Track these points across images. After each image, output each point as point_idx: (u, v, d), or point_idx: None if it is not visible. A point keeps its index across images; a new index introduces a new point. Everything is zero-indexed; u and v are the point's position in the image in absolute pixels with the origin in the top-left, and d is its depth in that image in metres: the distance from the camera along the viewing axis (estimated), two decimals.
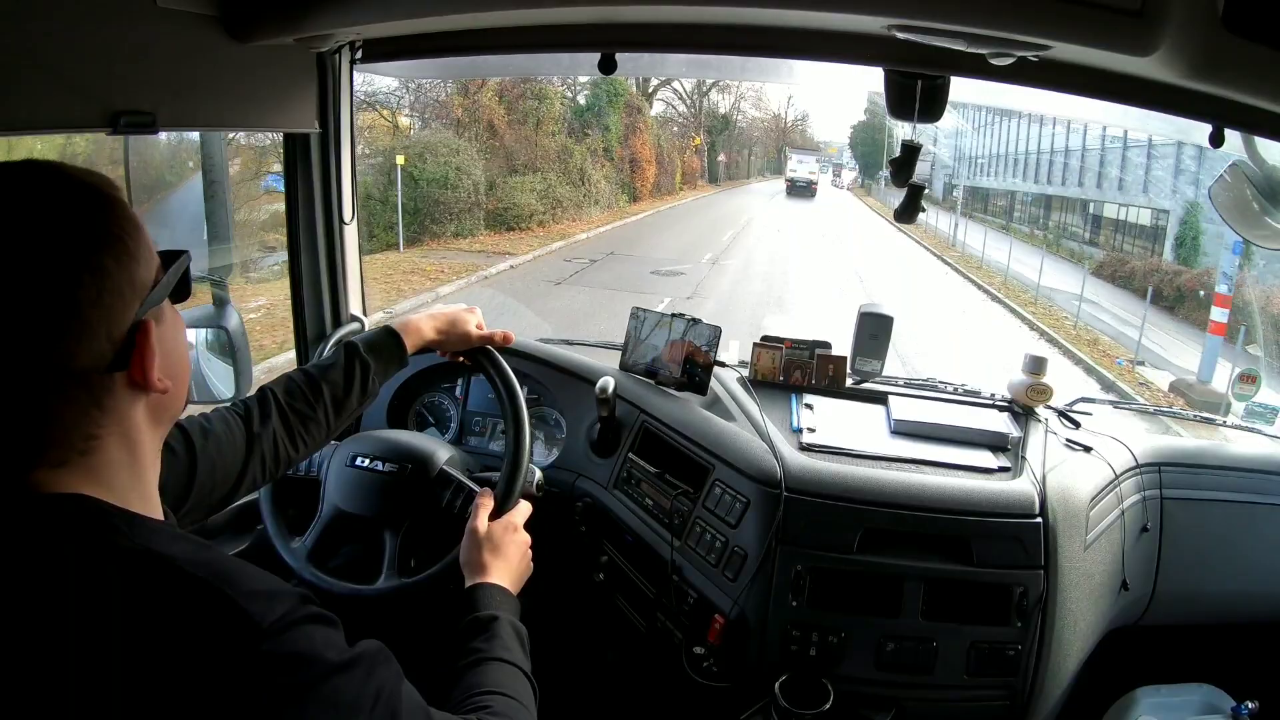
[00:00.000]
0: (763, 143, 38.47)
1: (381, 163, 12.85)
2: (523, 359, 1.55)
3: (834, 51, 1.12)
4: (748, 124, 35.43)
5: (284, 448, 0.99)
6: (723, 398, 1.49)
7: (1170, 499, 1.47)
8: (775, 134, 37.81)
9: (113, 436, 0.58)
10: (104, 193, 0.58)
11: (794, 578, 1.21)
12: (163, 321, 0.61)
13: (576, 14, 1.14)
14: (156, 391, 0.59)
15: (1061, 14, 0.76)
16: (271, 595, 0.55)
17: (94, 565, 0.52)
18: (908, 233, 19.16)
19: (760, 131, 37.45)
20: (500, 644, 0.87)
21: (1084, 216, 16.28)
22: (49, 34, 0.92)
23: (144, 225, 0.61)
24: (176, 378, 0.63)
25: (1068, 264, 14.05)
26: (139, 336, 0.57)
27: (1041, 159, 18.90)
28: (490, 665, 0.84)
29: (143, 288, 0.58)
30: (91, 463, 0.57)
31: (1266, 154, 1.23)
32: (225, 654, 0.51)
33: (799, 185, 28.05)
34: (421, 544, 1.19)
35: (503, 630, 0.89)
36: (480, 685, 0.81)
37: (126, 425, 0.59)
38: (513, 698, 0.81)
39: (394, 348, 1.09)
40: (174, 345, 0.63)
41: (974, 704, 1.22)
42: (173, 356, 0.62)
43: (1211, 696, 1.49)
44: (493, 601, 0.93)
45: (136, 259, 0.58)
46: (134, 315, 0.57)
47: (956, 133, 24.78)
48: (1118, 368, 8.75)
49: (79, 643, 0.50)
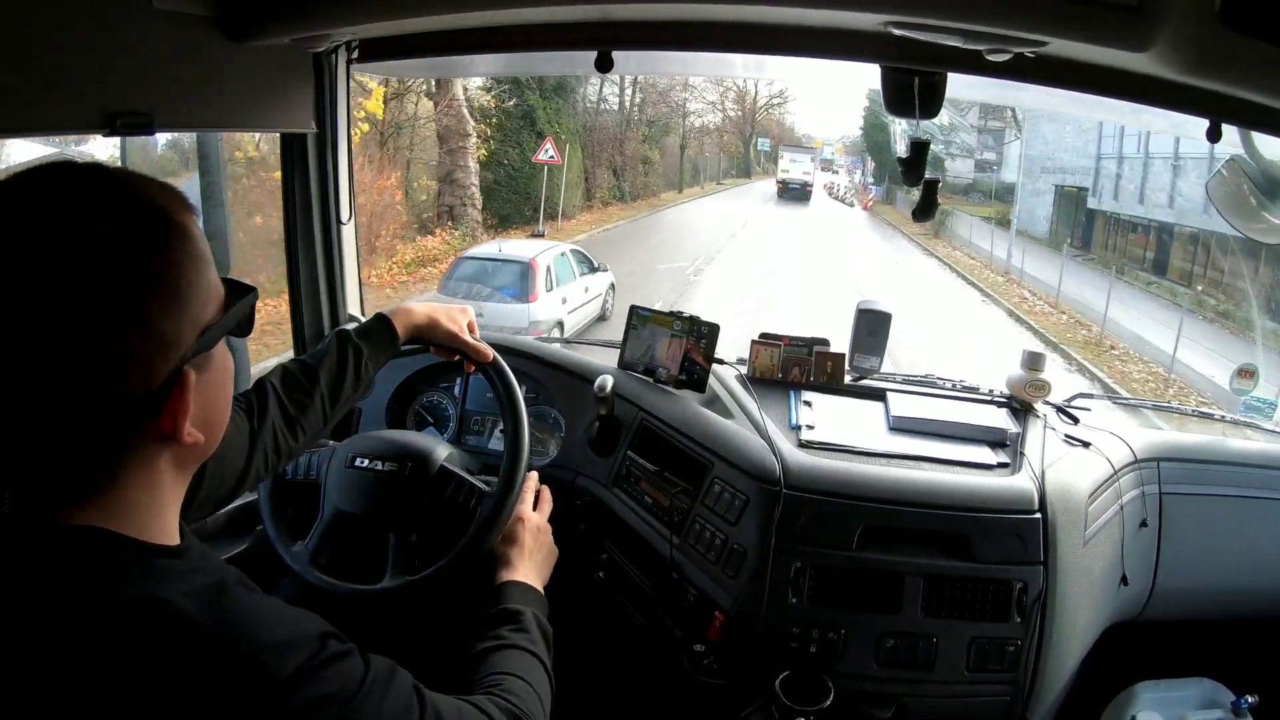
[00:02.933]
0: (725, 134, 28.89)
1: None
2: (521, 358, 1.54)
3: (830, 49, 1.12)
4: (691, 109, 25.34)
5: (284, 439, 0.99)
6: (721, 395, 1.49)
7: (1169, 494, 1.47)
8: (740, 121, 29.09)
9: (135, 478, 0.55)
10: (168, 219, 0.53)
11: (793, 575, 1.21)
12: (208, 368, 0.58)
13: (572, 13, 1.14)
14: (184, 444, 0.56)
15: (1058, 10, 0.76)
16: (289, 645, 0.54)
17: (97, 614, 0.50)
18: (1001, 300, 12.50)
19: (724, 121, 28.08)
20: (526, 635, 0.90)
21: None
22: (45, 35, 0.91)
23: (207, 255, 0.57)
24: (212, 428, 0.60)
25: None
26: (175, 389, 0.54)
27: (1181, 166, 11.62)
28: (513, 652, 0.86)
29: (189, 334, 0.54)
30: (111, 501, 0.55)
31: (1264, 149, 1.23)
32: (245, 712, 0.51)
33: (792, 188, 26.07)
34: (424, 541, 1.19)
35: (529, 624, 0.92)
36: (500, 668, 0.82)
37: (150, 469, 0.56)
38: (530, 684, 0.82)
39: (385, 333, 1.09)
40: (215, 394, 0.60)
41: (974, 700, 1.22)
42: (213, 407, 0.59)
43: (1211, 691, 1.50)
44: (524, 598, 0.97)
45: (188, 302, 0.54)
46: (175, 364, 0.53)
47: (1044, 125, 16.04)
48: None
49: (80, 695, 0.48)
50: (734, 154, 31.65)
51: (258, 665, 0.51)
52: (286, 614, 0.57)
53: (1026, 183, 17.59)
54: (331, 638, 0.57)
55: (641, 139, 21.11)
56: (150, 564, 0.54)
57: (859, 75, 1.20)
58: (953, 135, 20.86)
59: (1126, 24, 0.74)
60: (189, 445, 0.56)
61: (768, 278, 12.53)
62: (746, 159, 32.73)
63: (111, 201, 0.52)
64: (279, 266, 1.63)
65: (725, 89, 26.37)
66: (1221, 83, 0.87)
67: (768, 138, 31.71)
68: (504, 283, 7.82)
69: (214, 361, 0.59)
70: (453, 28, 1.28)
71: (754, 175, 32.63)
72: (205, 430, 0.58)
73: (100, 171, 0.54)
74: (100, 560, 0.52)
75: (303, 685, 0.53)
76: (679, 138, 24.59)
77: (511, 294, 7.69)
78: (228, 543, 1.39)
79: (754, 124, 30.26)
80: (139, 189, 0.54)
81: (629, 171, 20.15)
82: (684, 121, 24.96)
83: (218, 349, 0.59)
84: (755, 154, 33.02)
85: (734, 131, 29.61)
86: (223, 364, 0.61)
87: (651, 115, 22.24)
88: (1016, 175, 18.26)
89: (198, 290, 0.55)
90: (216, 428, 0.61)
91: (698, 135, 26.93)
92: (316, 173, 1.54)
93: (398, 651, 0.66)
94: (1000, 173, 20.99)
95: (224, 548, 1.38)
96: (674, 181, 24.20)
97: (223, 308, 0.58)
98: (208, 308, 0.56)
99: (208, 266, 0.57)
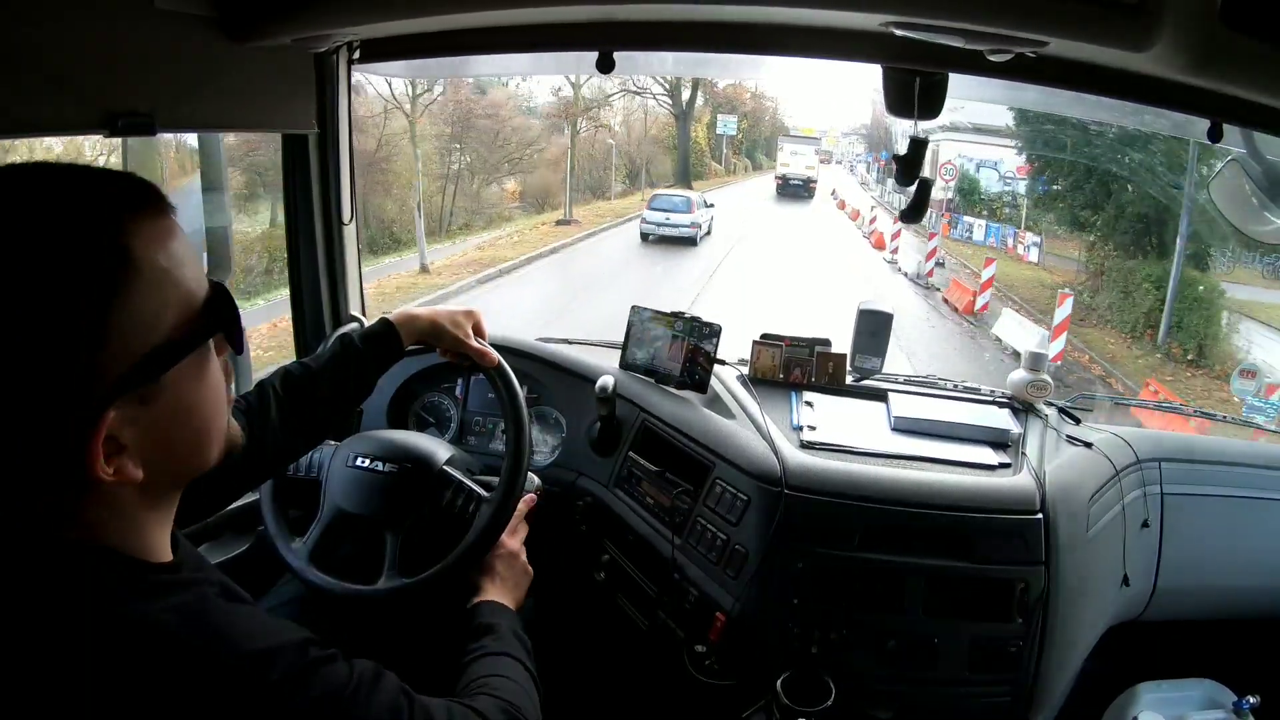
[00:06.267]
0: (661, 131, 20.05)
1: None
2: (522, 358, 1.54)
3: (832, 49, 1.12)
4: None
5: (284, 442, 0.99)
6: (723, 396, 1.49)
7: (1171, 494, 1.47)
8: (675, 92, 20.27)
9: (102, 509, 0.53)
10: (95, 239, 0.48)
11: (795, 575, 1.21)
12: (162, 396, 0.52)
13: (574, 13, 1.14)
14: (111, 483, 0.50)
15: (1059, 10, 0.76)
16: (272, 654, 0.54)
17: (83, 631, 0.49)
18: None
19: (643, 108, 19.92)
20: (503, 643, 0.91)
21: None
22: (45, 35, 0.91)
23: (160, 273, 0.51)
24: (174, 455, 0.55)
25: None
26: (91, 432, 0.49)
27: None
28: (492, 658, 0.88)
29: (112, 369, 0.49)
30: (92, 521, 0.53)
31: (1266, 149, 1.23)
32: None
33: (792, 184, 22.75)
34: (422, 544, 1.19)
35: (505, 634, 0.93)
36: (484, 673, 0.84)
37: (112, 500, 0.53)
38: (516, 683, 0.83)
39: (389, 338, 1.09)
40: (181, 419, 0.55)
41: (976, 700, 1.22)
42: (177, 433, 0.55)
43: (1213, 691, 1.50)
44: (495, 614, 0.98)
45: (109, 335, 0.48)
46: (93, 404, 0.48)
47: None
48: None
49: (67, 711, 0.48)
50: (665, 145, 20.87)
51: (243, 675, 0.52)
52: (269, 624, 0.57)
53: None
54: (313, 644, 0.57)
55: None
56: (138, 581, 0.53)
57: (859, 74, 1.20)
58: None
59: (1127, 24, 0.74)
60: (146, 479, 0.52)
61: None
62: (684, 157, 21.14)
63: (41, 218, 0.47)
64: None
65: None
66: (1223, 82, 0.87)
67: (733, 114, 23.97)
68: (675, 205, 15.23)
69: (169, 388, 0.53)
70: (454, 28, 1.28)
71: (710, 175, 24.31)
72: (166, 458, 0.54)
73: (48, 183, 0.49)
74: (87, 577, 0.52)
75: (290, 692, 0.53)
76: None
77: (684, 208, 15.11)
78: (228, 543, 1.39)
79: (706, 93, 20.69)
80: (86, 203, 0.49)
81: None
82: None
83: (182, 375, 0.54)
84: (712, 141, 24.73)
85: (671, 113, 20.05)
86: (187, 388, 0.54)
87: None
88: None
89: (136, 317, 0.49)
90: (189, 451, 0.57)
91: (589, 140, 18.43)
92: (318, 173, 1.54)
93: (394, 652, 0.66)
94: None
95: (224, 548, 1.38)
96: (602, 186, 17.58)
97: (189, 322, 0.53)
98: (152, 333, 0.51)
99: (159, 288, 0.51)
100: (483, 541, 1.09)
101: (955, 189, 16.22)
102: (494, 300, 10.43)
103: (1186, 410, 2.13)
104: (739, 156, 29.43)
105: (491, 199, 17.77)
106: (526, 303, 10.10)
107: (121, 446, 0.51)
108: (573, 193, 17.73)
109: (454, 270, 12.54)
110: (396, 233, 14.13)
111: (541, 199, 18.43)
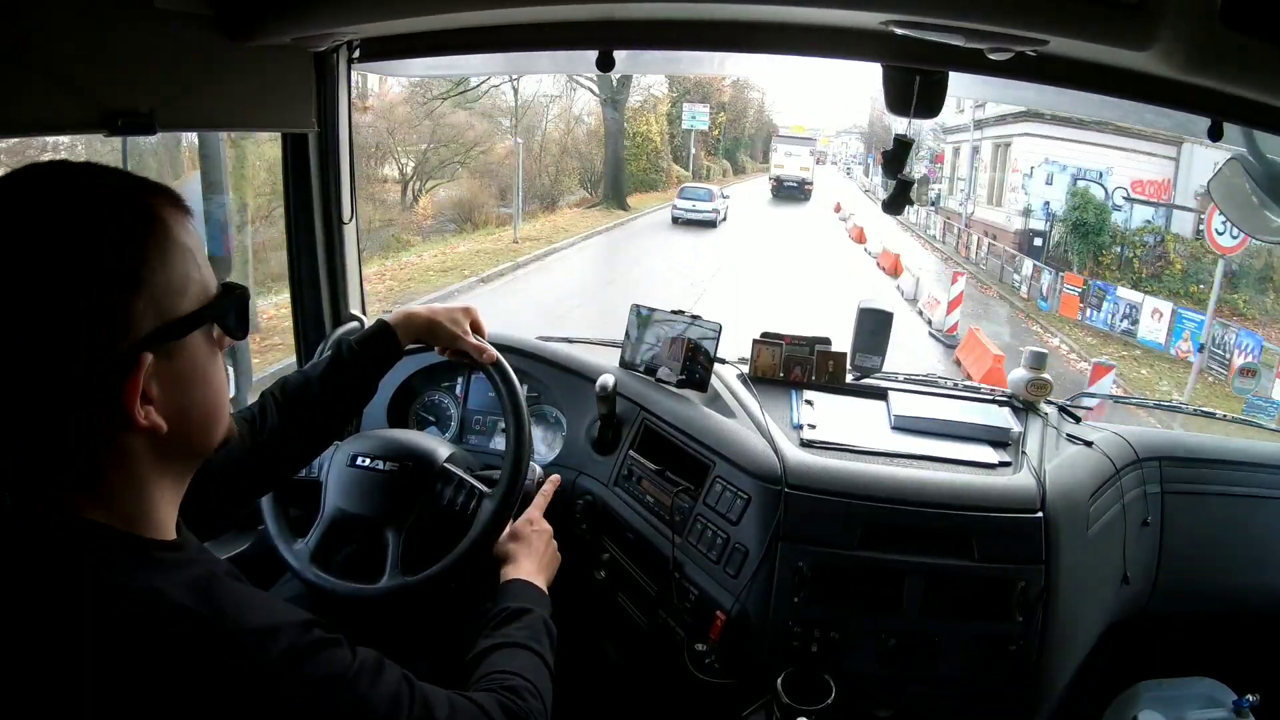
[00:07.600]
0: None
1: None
2: (522, 357, 1.54)
3: (831, 48, 1.11)
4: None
5: (289, 449, 1.00)
6: (723, 394, 1.49)
7: (1171, 493, 1.47)
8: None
9: (116, 470, 0.56)
10: (141, 211, 0.55)
11: (795, 574, 1.21)
12: (179, 358, 0.58)
13: (574, 11, 1.14)
14: (146, 429, 0.55)
15: (1059, 8, 0.76)
16: (276, 629, 0.55)
17: (89, 601, 0.51)
18: None
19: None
20: (531, 634, 0.90)
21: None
22: (46, 35, 0.91)
23: (189, 250, 0.58)
24: (191, 421, 0.59)
25: None
26: (132, 370, 0.54)
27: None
28: (518, 651, 0.86)
29: (149, 319, 0.55)
30: (102, 493, 0.56)
31: (1266, 148, 1.23)
32: (235, 692, 0.52)
33: (788, 186, 22.53)
34: (424, 542, 1.19)
35: (535, 623, 0.92)
36: (504, 667, 0.83)
37: (129, 460, 0.56)
38: (533, 684, 0.82)
39: (387, 340, 1.09)
40: (192, 387, 0.59)
41: (976, 699, 1.22)
42: (188, 399, 0.59)
43: (1213, 690, 1.50)
44: (529, 597, 0.97)
45: (151, 288, 0.55)
46: (130, 345, 0.54)
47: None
48: None
49: (78, 680, 0.49)
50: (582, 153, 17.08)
51: (245, 649, 0.53)
52: (274, 604, 0.58)
53: None
54: (316, 626, 0.58)
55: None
56: (145, 557, 0.55)
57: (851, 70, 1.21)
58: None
59: (1128, 22, 0.74)
60: (165, 435, 0.56)
61: None
62: (615, 162, 17.39)
63: (82, 192, 0.54)
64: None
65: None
66: (1223, 81, 0.87)
67: (703, 104, 21.06)
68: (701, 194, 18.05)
69: (187, 354, 0.58)
70: (454, 27, 1.28)
71: (664, 185, 20.38)
72: (181, 422, 0.58)
73: (86, 170, 0.55)
74: (94, 551, 0.53)
75: (291, 667, 0.54)
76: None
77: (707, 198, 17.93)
78: (228, 542, 1.39)
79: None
80: (120, 184, 0.56)
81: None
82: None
83: (198, 347, 0.59)
84: (676, 137, 21.30)
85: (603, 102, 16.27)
86: (201, 360, 0.60)
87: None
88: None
89: (167, 279, 0.56)
90: (200, 423, 0.61)
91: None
92: (318, 172, 1.54)
93: (397, 651, 0.66)
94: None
95: (225, 547, 1.38)
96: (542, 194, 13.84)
97: (205, 306, 0.59)
98: (180, 300, 0.57)
99: (184, 260, 0.57)
100: (485, 538, 1.09)
101: (1051, 215, 9.67)
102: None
103: (1187, 408, 2.14)
104: (713, 158, 24.75)
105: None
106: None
107: (150, 400, 0.55)
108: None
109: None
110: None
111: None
